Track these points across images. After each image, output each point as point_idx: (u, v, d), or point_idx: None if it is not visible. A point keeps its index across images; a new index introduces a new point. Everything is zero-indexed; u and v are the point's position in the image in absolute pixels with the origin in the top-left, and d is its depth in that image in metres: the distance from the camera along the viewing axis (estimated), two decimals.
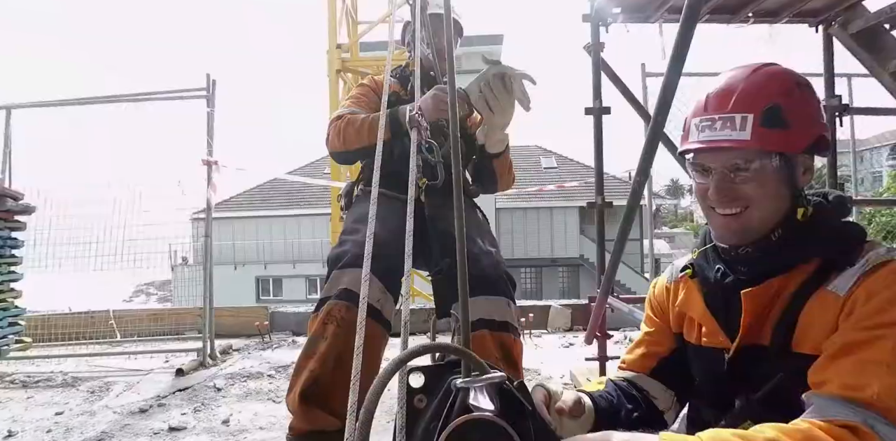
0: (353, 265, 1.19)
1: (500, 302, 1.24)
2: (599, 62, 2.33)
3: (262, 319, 3.74)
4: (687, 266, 0.78)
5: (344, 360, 1.11)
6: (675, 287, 0.82)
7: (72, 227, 3.37)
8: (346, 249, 1.25)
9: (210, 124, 3.12)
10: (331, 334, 1.14)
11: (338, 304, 1.16)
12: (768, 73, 0.69)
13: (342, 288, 1.17)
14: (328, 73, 6.45)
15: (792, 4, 2.23)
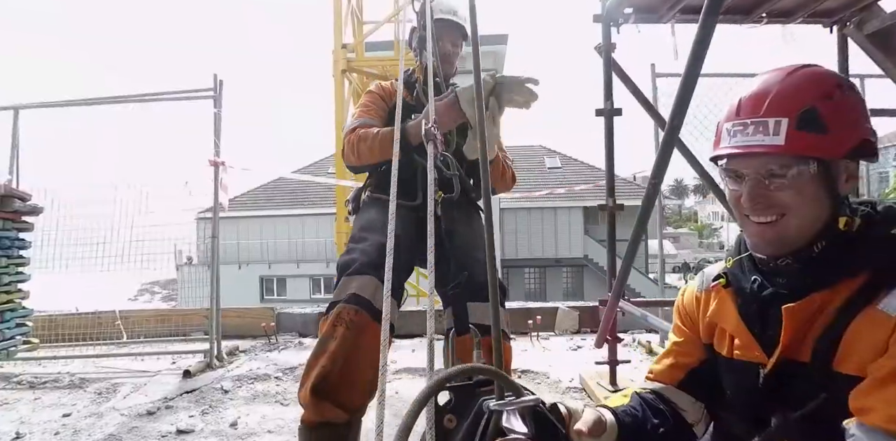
0: (360, 272, 1.27)
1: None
2: (611, 63, 2.31)
3: (268, 320, 3.73)
4: (720, 275, 0.75)
5: (351, 360, 1.20)
6: (706, 296, 0.79)
7: (78, 227, 3.37)
8: (354, 257, 1.31)
9: (217, 125, 3.11)
10: (340, 335, 1.21)
11: (347, 308, 1.23)
12: (806, 75, 0.66)
13: (351, 293, 1.24)
14: (333, 73, 6.45)
15: (807, 4, 2.20)
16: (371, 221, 1.42)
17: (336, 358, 1.20)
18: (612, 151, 2.33)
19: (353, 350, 1.21)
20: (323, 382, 1.18)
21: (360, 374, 1.22)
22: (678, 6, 2.18)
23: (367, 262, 1.28)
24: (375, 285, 1.25)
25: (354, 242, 1.39)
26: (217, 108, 3.10)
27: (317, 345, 1.25)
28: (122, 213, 3.33)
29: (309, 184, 17.99)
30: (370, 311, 1.24)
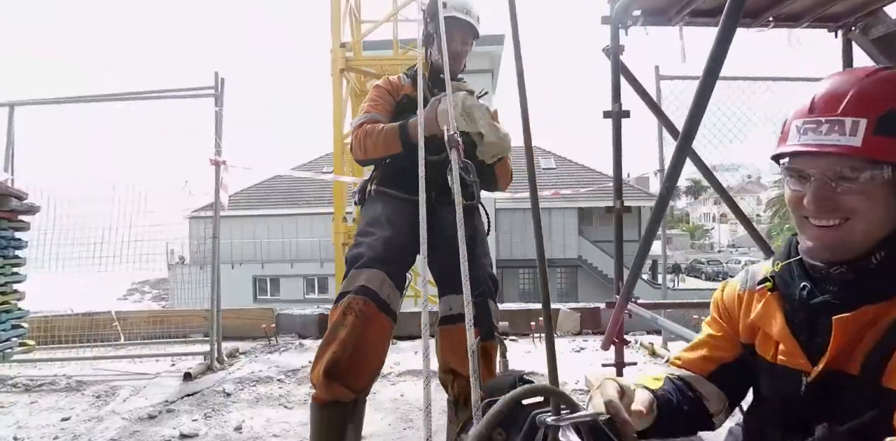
0: (368, 266, 1.37)
1: (480, 300, 1.40)
2: (619, 65, 2.30)
3: (267, 321, 3.69)
4: (766, 278, 0.74)
5: (359, 348, 1.31)
6: (748, 297, 0.78)
7: (72, 226, 3.31)
8: (361, 251, 1.41)
9: (218, 123, 3.08)
10: (350, 324, 1.31)
11: (356, 299, 1.33)
12: (886, 77, 0.63)
13: (360, 285, 1.34)
14: (332, 72, 6.40)
15: (814, 9, 2.21)
16: (377, 216, 1.51)
17: (346, 345, 1.29)
18: (620, 154, 2.32)
19: (361, 339, 1.31)
20: (334, 367, 1.28)
21: (367, 362, 1.34)
22: (688, 9, 2.18)
23: (374, 257, 1.38)
24: (382, 278, 1.36)
25: (362, 236, 1.48)
26: (218, 107, 3.07)
27: (328, 331, 1.34)
28: (120, 212, 3.28)
29: (303, 183, 17.89)
30: (377, 302, 1.34)
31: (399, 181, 1.54)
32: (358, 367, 1.32)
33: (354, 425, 1.34)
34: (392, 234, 1.45)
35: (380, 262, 1.38)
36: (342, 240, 6.32)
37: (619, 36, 2.30)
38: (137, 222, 3.27)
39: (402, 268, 1.44)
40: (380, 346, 1.37)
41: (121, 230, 3.27)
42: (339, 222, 6.31)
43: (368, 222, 1.51)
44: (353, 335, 1.30)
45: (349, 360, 1.30)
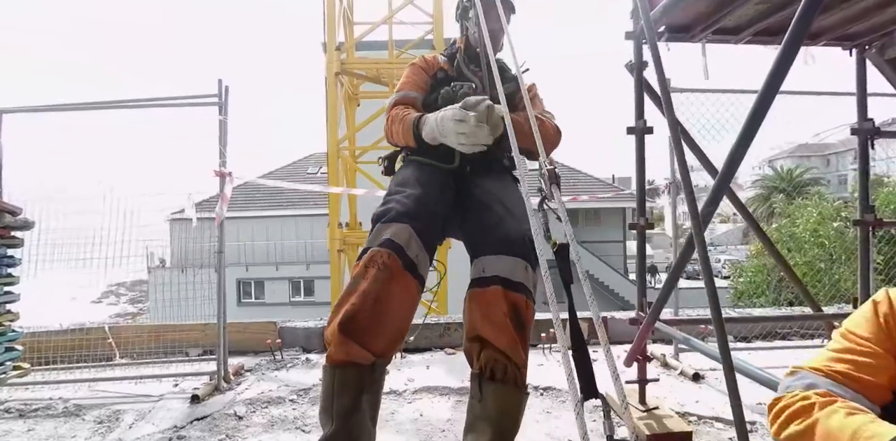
0: (396, 220, 1.26)
1: (519, 263, 1.25)
2: (642, 81, 2.30)
3: (270, 335, 3.58)
4: None
5: (381, 304, 1.17)
6: None
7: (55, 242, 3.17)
8: (390, 207, 1.31)
9: (223, 133, 2.97)
10: (371, 276, 1.19)
11: (380, 251, 1.21)
12: None
13: (386, 238, 1.23)
14: (326, 74, 6.28)
15: (833, 28, 2.24)
16: (408, 177, 1.43)
17: (367, 296, 1.16)
18: (644, 170, 2.32)
19: (383, 294, 1.18)
20: (350, 321, 1.15)
21: (390, 322, 1.20)
22: (713, 27, 2.19)
23: (403, 211, 1.27)
24: (409, 234, 1.24)
25: (390, 195, 1.38)
26: (223, 116, 2.95)
27: (348, 285, 1.22)
28: (111, 226, 3.14)
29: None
30: (403, 259, 1.22)
31: (432, 152, 1.48)
32: (378, 325, 1.16)
33: (371, 397, 1.17)
34: (422, 192, 1.34)
35: (408, 217, 1.26)
36: (338, 246, 6.24)
37: (642, 52, 2.29)
38: (117, 224, 3.13)
39: (432, 228, 1.30)
40: (405, 307, 1.22)
41: (99, 231, 3.13)
42: (335, 228, 6.22)
43: (398, 183, 1.41)
44: (375, 288, 1.17)
45: (369, 314, 1.15)
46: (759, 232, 2.66)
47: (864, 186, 2.43)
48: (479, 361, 1.22)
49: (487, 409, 1.16)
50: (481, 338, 1.22)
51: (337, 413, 1.10)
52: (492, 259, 1.26)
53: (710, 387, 2.72)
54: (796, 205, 10.96)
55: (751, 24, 2.19)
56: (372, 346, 1.16)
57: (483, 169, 1.47)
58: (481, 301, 1.24)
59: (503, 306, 1.20)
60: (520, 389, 1.20)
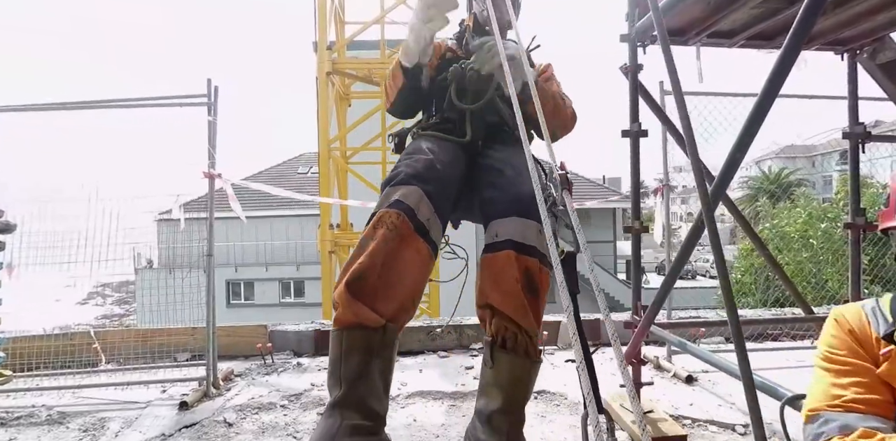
0: (405, 183, 1.23)
1: (531, 225, 1.21)
2: (637, 84, 2.29)
3: (261, 338, 3.53)
4: (892, 337, 0.71)
5: (390, 265, 1.13)
6: (878, 346, 0.76)
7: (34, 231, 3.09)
8: (400, 171, 1.28)
9: (212, 134, 2.91)
10: (380, 236, 1.15)
11: (389, 212, 1.18)
12: None
13: (395, 199, 1.20)
14: (317, 74, 6.22)
15: (826, 33, 2.25)
16: (418, 147, 1.40)
17: (375, 256, 1.12)
18: (638, 174, 2.31)
19: (393, 256, 1.14)
20: (358, 281, 1.10)
21: (400, 285, 1.15)
22: (708, 31, 2.19)
23: (412, 174, 1.24)
24: (420, 195, 1.20)
25: (399, 163, 1.35)
26: (212, 116, 2.90)
27: (357, 246, 1.18)
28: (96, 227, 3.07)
29: (277, 184, 17.43)
30: (413, 222, 1.18)
31: (444, 127, 1.49)
32: (388, 287, 1.11)
33: (382, 363, 1.10)
34: (433, 158, 1.31)
35: (417, 179, 1.22)
36: (329, 247, 6.18)
37: (637, 54, 2.29)
38: (103, 224, 3.07)
39: (444, 194, 1.26)
40: (417, 271, 1.16)
41: (87, 232, 3.06)
42: (326, 229, 6.16)
43: (408, 153, 1.38)
44: (384, 248, 1.12)
45: (378, 275, 1.11)
46: (751, 233, 2.67)
47: (856, 190, 2.45)
48: (491, 329, 1.20)
49: (499, 377, 1.16)
50: (491, 306, 1.19)
51: (344, 377, 1.05)
52: (504, 222, 1.23)
53: (703, 389, 2.73)
54: (780, 207, 11.10)
55: (745, 29, 2.20)
56: (381, 309, 1.10)
57: (493, 141, 1.47)
58: (493, 266, 1.20)
59: (515, 272, 1.17)
60: (531, 358, 1.19)
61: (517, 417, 1.17)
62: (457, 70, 1.48)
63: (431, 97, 1.57)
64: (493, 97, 1.45)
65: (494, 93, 1.45)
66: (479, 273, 1.25)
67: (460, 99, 1.46)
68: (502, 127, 1.49)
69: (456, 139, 1.43)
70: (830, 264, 9.18)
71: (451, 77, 1.49)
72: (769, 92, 1.32)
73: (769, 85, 1.30)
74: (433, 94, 1.56)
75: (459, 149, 1.42)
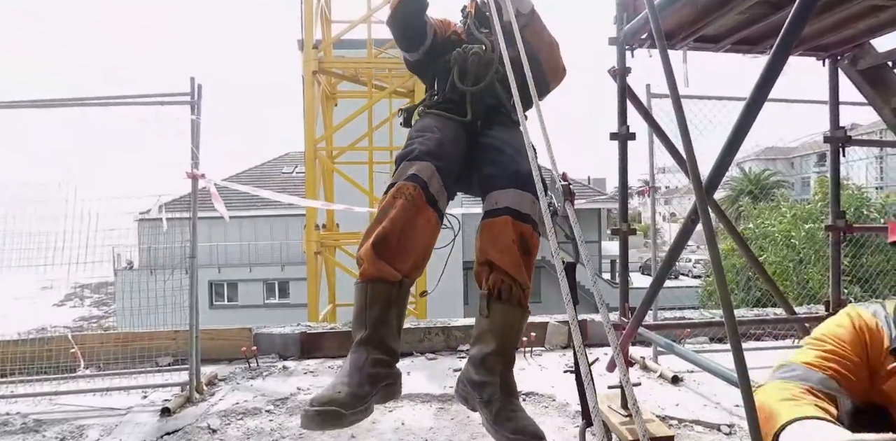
0: (419, 159, 1.36)
1: (527, 197, 1.36)
2: (625, 87, 2.30)
3: (245, 342, 3.47)
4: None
5: (407, 231, 1.28)
6: (887, 359, 0.77)
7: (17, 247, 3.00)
8: (414, 148, 1.41)
9: (195, 134, 2.85)
10: (399, 205, 1.29)
11: (406, 184, 1.32)
12: None
13: (412, 173, 1.34)
14: (303, 73, 6.15)
15: (808, 40, 2.29)
16: (428, 125, 1.53)
17: (396, 222, 1.27)
18: (626, 176, 2.32)
19: (409, 224, 1.28)
20: (382, 242, 1.26)
21: (413, 247, 1.30)
22: (694, 35, 2.21)
23: (426, 151, 1.38)
24: (432, 171, 1.35)
25: (412, 140, 1.48)
26: (195, 115, 2.84)
27: (377, 214, 1.33)
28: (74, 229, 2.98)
29: (261, 183, 17.21)
30: (426, 194, 1.32)
31: (447, 107, 1.60)
32: (404, 249, 1.28)
33: (398, 311, 1.29)
34: (442, 136, 1.45)
35: (432, 156, 1.37)
36: (315, 248, 6.11)
37: (625, 57, 2.30)
38: (81, 226, 2.99)
39: (450, 170, 1.40)
40: (427, 236, 1.33)
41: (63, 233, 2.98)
42: (312, 230, 6.09)
43: (418, 129, 1.52)
44: (403, 216, 1.28)
45: (398, 238, 1.27)
46: (734, 232, 2.70)
47: (836, 193, 2.50)
48: (488, 283, 1.33)
49: (494, 325, 1.29)
50: (490, 262, 1.33)
51: (369, 321, 1.24)
52: (503, 192, 1.37)
53: (689, 389, 2.76)
54: (761, 207, 11.31)
55: (731, 33, 2.23)
56: (399, 266, 1.27)
57: (492, 122, 1.59)
58: (492, 229, 1.35)
59: (511, 234, 1.31)
60: (523, 308, 1.33)
61: (509, 359, 1.30)
62: (459, 54, 1.59)
63: (435, 75, 1.69)
64: (492, 80, 1.57)
65: (494, 77, 1.57)
66: (478, 236, 1.38)
67: (462, 81, 1.57)
68: (500, 109, 1.60)
69: (458, 118, 1.55)
70: (812, 264, 9.41)
71: (453, 60, 1.59)
72: (758, 96, 1.33)
73: (758, 90, 1.32)
74: (437, 73, 1.68)
75: (461, 128, 1.54)
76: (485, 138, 1.54)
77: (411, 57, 1.69)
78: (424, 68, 1.72)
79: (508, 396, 1.22)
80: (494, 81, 1.57)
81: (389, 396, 1.25)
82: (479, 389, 1.22)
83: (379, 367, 1.19)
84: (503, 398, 1.21)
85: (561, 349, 3.62)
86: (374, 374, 1.17)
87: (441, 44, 1.66)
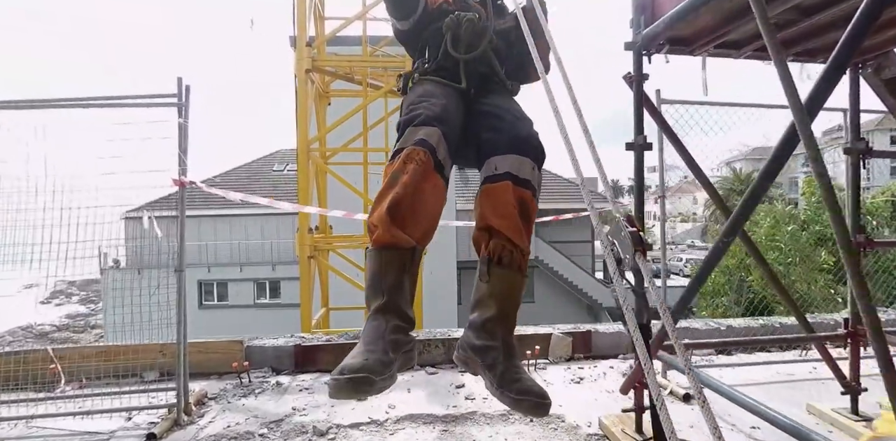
0: (426, 124, 1.33)
1: (526, 162, 1.34)
2: (642, 94, 2.19)
3: (236, 354, 3.32)
4: None
5: (418, 197, 1.25)
6: None
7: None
8: (420, 112, 1.37)
9: (183, 137, 2.68)
10: (410, 170, 1.26)
11: (416, 149, 1.28)
12: None
13: (420, 138, 1.30)
14: (296, 72, 5.95)
15: (829, 48, 2.18)
16: (429, 90, 1.50)
17: (407, 187, 1.24)
18: (642, 187, 2.21)
19: (420, 189, 1.26)
20: (395, 207, 1.23)
21: (424, 215, 1.28)
22: (716, 42, 2.10)
23: (433, 116, 1.34)
24: (439, 136, 1.31)
25: (415, 105, 1.43)
26: (182, 118, 2.67)
27: (388, 181, 1.29)
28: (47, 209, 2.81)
29: (251, 181, 16.92)
30: (434, 160, 1.29)
31: (441, 74, 1.57)
32: (416, 216, 1.26)
33: (410, 277, 1.27)
34: (446, 102, 1.43)
35: (438, 121, 1.34)
36: (308, 252, 5.94)
37: (642, 63, 2.18)
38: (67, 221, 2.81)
39: (454, 136, 1.38)
40: (436, 203, 1.31)
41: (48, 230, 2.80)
42: (305, 233, 5.92)
43: (420, 95, 1.48)
44: (414, 181, 1.25)
45: (410, 204, 1.24)
46: (745, 237, 2.58)
47: (856, 206, 2.41)
48: (488, 248, 1.31)
49: (493, 289, 1.26)
50: (490, 227, 1.30)
51: (385, 288, 1.22)
52: (503, 157, 1.34)
53: None
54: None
55: (753, 40, 2.12)
56: (411, 232, 1.25)
57: (487, 91, 1.57)
58: (491, 194, 1.32)
59: (511, 199, 1.29)
60: (522, 273, 1.30)
61: (509, 324, 1.27)
62: (453, 20, 1.55)
63: (426, 44, 1.65)
64: (486, 49, 1.55)
65: (487, 46, 1.56)
66: (477, 201, 1.36)
67: (455, 48, 1.54)
68: (493, 78, 1.59)
69: (454, 85, 1.53)
70: (796, 265, 9.45)
71: (446, 27, 1.56)
72: (808, 110, 1.21)
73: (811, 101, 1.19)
74: (428, 41, 1.63)
75: (458, 96, 1.52)
76: (481, 106, 1.52)
77: (402, 25, 1.65)
78: (415, 37, 1.68)
79: (511, 358, 1.20)
80: (488, 49, 1.57)
81: (408, 363, 1.24)
82: (482, 354, 1.21)
83: (399, 334, 1.18)
84: (506, 361, 1.19)
85: (565, 362, 3.52)
86: (394, 340, 1.16)
87: (432, 13, 1.64)
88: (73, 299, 28.58)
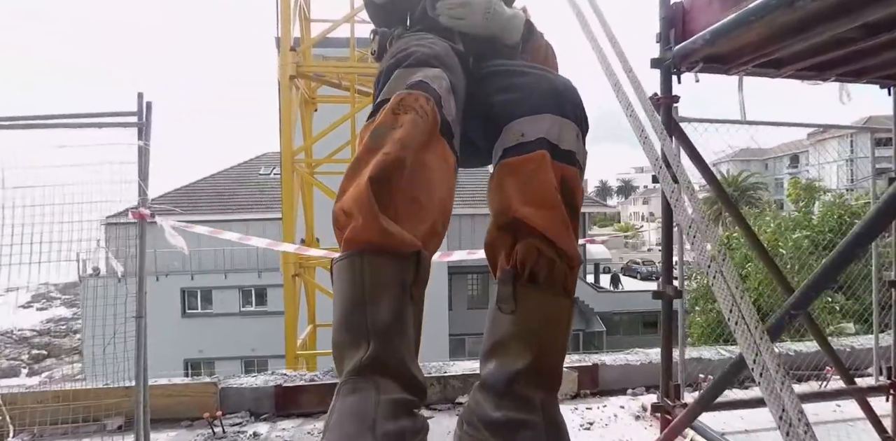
0: (423, 64, 0.87)
1: (569, 125, 0.87)
2: (671, 119, 1.92)
3: (209, 398, 2.99)
4: None
5: (417, 169, 0.76)
6: None
7: None
8: (412, 51, 0.91)
9: (143, 163, 2.36)
10: (408, 121, 0.78)
11: (412, 94, 0.81)
12: None
13: (419, 79, 0.83)
14: (279, 77, 5.61)
15: (878, 69, 1.94)
16: (424, 36, 1.04)
17: (406, 146, 0.75)
18: (671, 231, 1.94)
19: (420, 155, 0.77)
20: (386, 179, 0.73)
21: (429, 198, 0.78)
22: (759, 60, 1.83)
23: (433, 54, 0.89)
24: (447, 83, 0.85)
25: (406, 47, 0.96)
26: (143, 141, 2.34)
27: (367, 140, 0.78)
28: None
29: (235, 186, 16.46)
30: (440, 117, 0.81)
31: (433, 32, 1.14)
32: (415, 199, 0.76)
33: (415, 307, 0.74)
34: (448, 47, 0.98)
35: (439, 61, 0.89)
36: (292, 270, 5.61)
37: (671, 83, 1.91)
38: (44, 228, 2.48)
39: (460, 97, 0.93)
40: (445, 185, 0.81)
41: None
42: (291, 231, 5.59)
43: (409, 40, 1.02)
44: (414, 140, 0.76)
45: (409, 176, 0.75)
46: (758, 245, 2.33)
47: None
48: (514, 257, 0.81)
49: (525, 325, 0.77)
50: (518, 221, 0.80)
51: (373, 327, 0.67)
52: (534, 118, 0.87)
53: None
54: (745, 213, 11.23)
55: (799, 59, 1.86)
56: (412, 226, 0.74)
57: (493, 56, 1.13)
58: (518, 171, 0.83)
59: (551, 177, 0.82)
60: (569, 296, 0.82)
61: (553, 381, 0.78)
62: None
63: (403, 16, 1.21)
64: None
65: None
66: (493, 185, 0.87)
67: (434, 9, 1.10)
68: (493, 42, 1.14)
69: (452, 44, 1.05)
70: (797, 273, 9.35)
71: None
72: None
73: None
74: (407, 11, 1.20)
75: (458, 56, 1.07)
76: (490, 67, 1.07)
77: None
78: (389, 10, 1.24)
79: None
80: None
81: None
82: (507, 435, 0.70)
83: (401, 418, 0.64)
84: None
85: (570, 399, 3.24)
86: (395, 432, 0.62)
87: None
88: (55, 303, 27.80)
